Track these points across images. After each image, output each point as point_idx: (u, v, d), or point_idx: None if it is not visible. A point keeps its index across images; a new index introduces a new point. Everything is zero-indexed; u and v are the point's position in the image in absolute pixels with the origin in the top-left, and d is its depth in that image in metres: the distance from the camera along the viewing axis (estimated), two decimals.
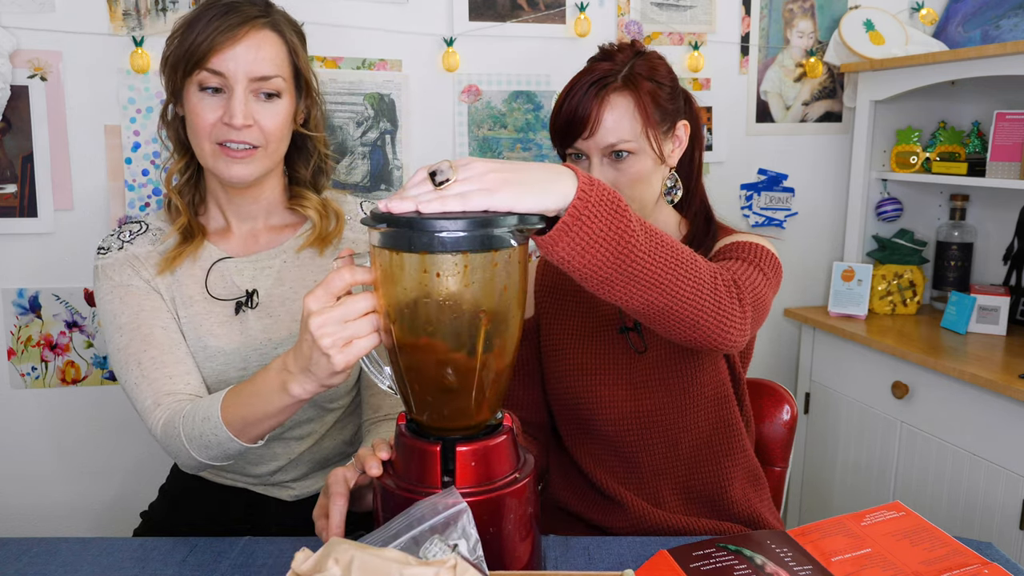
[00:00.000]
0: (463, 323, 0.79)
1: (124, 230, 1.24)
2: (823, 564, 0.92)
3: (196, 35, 1.10)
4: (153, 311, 1.17)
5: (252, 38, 1.11)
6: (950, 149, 2.11)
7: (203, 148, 1.14)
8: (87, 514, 2.00)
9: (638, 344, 1.20)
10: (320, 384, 0.87)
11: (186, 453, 1.05)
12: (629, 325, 1.21)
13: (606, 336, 1.23)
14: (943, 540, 0.95)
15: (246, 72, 1.11)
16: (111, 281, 1.19)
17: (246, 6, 1.13)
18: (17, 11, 1.78)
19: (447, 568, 0.68)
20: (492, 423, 0.88)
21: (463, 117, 2.07)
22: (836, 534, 0.98)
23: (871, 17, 2.23)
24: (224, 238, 1.25)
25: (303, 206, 1.25)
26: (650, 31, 2.16)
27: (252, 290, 1.22)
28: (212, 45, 1.09)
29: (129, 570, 0.97)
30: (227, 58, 1.10)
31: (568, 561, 0.98)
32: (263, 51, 1.12)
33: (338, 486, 0.92)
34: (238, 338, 1.20)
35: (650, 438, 1.20)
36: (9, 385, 1.91)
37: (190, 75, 1.11)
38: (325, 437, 1.29)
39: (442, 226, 0.75)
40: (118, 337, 1.15)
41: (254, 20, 1.12)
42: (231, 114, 1.11)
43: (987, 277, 2.21)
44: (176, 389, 1.11)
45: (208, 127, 1.12)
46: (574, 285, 1.26)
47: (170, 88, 1.16)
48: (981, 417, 1.74)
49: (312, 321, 0.81)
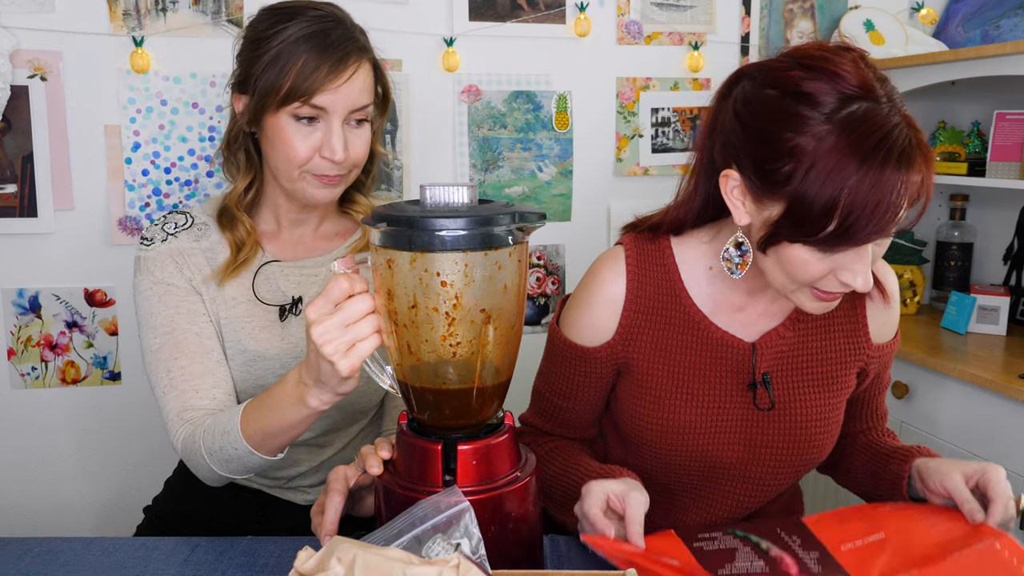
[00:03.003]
0: (464, 322, 0.79)
1: (168, 221, 1.19)
2: (831, 551, 0.91)
3: (295, 69, 1.06)
4: (190, 314, 1.14)
5: (356, 76, 1.09)
6: (950, 149, 2.11)
7: (291, 175, 1.11)
8: (87, 514, 2.00)
9: (764, 402, 1.05)
10: (334, 393, 0.87)
11: (207, 467, 1.04)
12: (758, 379, 1.04)
13: (728, 385, 1.05)
14: (961, 520, 0.93)
15: (346, 106, 1.09)
16: (152, 277, 1.15)
17: (345, 41, 1.09)
18: (17, 11, 1.78)
19: (450, 567, 0.68)
20: (493, 422, 0.88)
21: (463, 117, 2.07)
22: (853, 519, 0.97)
23: (871, 17, 2.24)
24: (273, 240, 1.22)
25: (355, 211, 1.23)
26: (650, 31, 2.16)
27: (298, 297, 1.19)
28: (317, 84, 1.06)
29: (131, 570, 0.97)
30: (331, 96, 1.07)
31: (569, 560, 0.98)
32: (363, 84, 1.10)
33: (337, 483, 0.92)
34: (279, 344, 1.18)
35: (725, 487, 1.09)
36: (9, 385, 1.91)
37: (285, 106, 1.08)
38: (348, 447, 1.28)
39: (442, 225, 0.76)
40: (152, 338, 1.13)
41: (359, 56, 1.09)
42: (332, 149, 1.08)
43: (987, 277, 2.21)
44: (200, 404, 1.09)
45: (303, 158, 1.09)
46: (690, 319, 1.05)
47: (252, 111, 1.11)
48: (981, 417, 1.74)
49: (314, 330, 0.81)
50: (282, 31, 1.07)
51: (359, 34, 1.13)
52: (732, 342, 1.04)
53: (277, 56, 1.07)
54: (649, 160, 2.21)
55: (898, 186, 0.83)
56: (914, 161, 0.84)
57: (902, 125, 0.84)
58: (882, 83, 0.87)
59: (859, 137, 0.83)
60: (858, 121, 0.83)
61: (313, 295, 1.20)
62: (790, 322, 1.05)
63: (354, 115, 1.11)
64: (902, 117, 0.85)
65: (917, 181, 0.85)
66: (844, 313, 1.07)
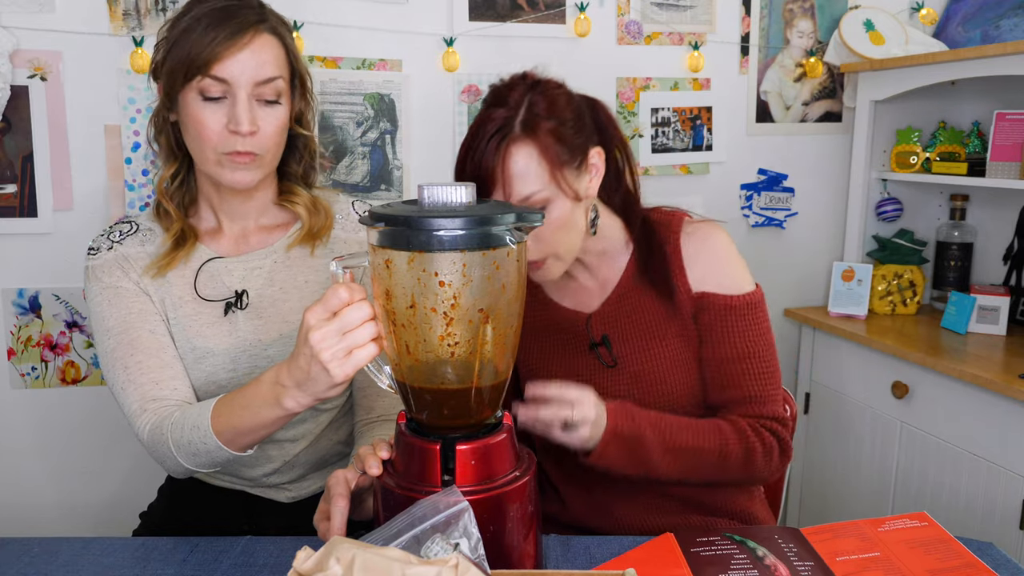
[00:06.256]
0: (462, 322, 0.79)
1: (114, 230, 1.22)
2: (826, 562, 0.92)
3: (194, 42, 1.08)
4: (141, 314, 1.16)
5: (254, 43, 1.10)
6: (950, 149, 2.11)
7: (206, 156, 1.13)
8: (87, 514, 2.00)
9: (607, 359, 1.19)
10: (315, 397, 0.88)
11: (173, 459, 1.05)
12: (597, 341, 1.20)
13: (576, 353, 1.21)
14: (959, 552, 0.94)
15: (250, 78, 1.10)
16: (100, 283, 1.18)
17: (243, 11, 1.11)
18: (17, 11, 1.78)
19: (449, 567, 0.68)
20: (492, 422, 0.88)
21: (463, 117, 2.07)
22: (849, 536, 0.98)
23: (871, 17, 2.23)
24: (214, 238, 1.24)
25: (292, 202, 1.24)
26: (650, 31, 2.16)
27: (242, 291, 1.21)
28: (215, 53, 1.07)
29: (130, 570, 0.97)
30: (230, 65, 1.08)
31: (569, 560, 0.98)
32: (264, 55, 1.11)
33: (339, 487, 0.92)
34: (227, 339, 1.19)
35: None
36: (9, 385, 1.91)
37: (189, 82, 1.10)
38: (320, 438, 1.28)
39: (440, 224, 0.75)
40: (106, 340, 1.15)
41: (255, 25, 1.11)
42: (237, 121, 1.09)
43: (987, 277, 2.21)
44: (162, 395, 1.10)
45: (213, 136, 1.11)
46: (541, 304, 1.25)
47: (165, 94, 1.13)
48: (981, 417, 1.74)
49: (312, 335, 0.81)
50: (188, 13, 1.11)
51: (262, 8, 1.15)
52: (571, 315, 1.22)
53: (180, 36, 1.10)
54: (649, 160, 2.21)
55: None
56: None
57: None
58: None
59: None
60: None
61: (258, 287, 1.22)
62: (618, 286, 1.21)
63: (261, 89, 1.11)
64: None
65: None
66: (659, 263, 1.19)
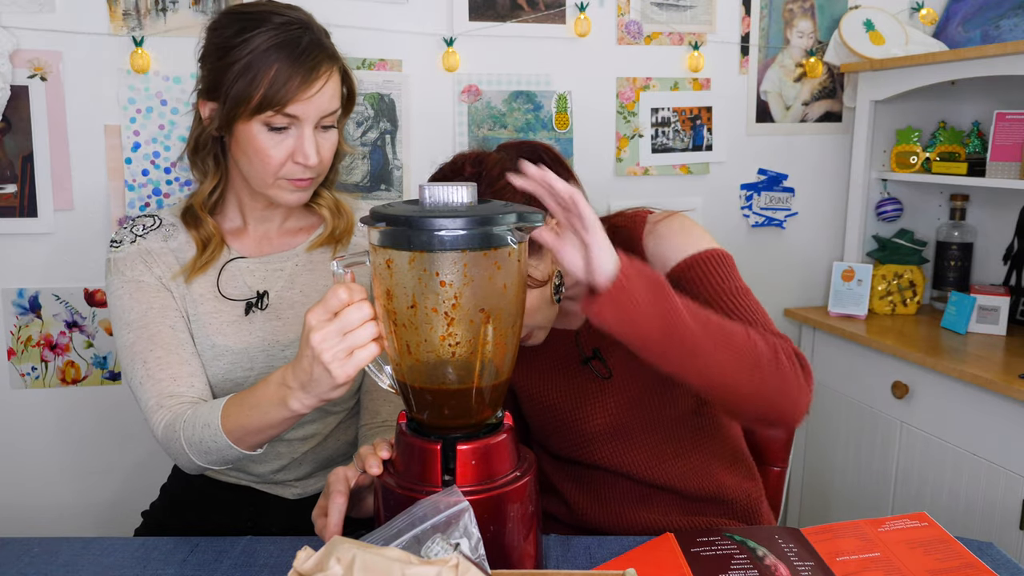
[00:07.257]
0: (463, 322, 0.79)
1: (137, 223, 1.23)
2: (826, 562, 0.92)
3: (270, 80, 1.07)
4: (162, 309, 1.17)
5: (327, 84, 1.11)
6: (950, 149, 2.11)
7: (264, 180, 1.14)
8: (87, 514, 2.00)
9: (602, 371, 1.18)
10: (319, 399, 0.88)
11: (185, 456, 1.05)
12: (588, 355, 1.19)
13: (570, 370, 1.21)
14: (959, 553, 0.94)
15: (318, 114, 1.11)
16: (122, 276, 1.18)
17: (315, 48, 1.10)
18: (17, 11, 1.78)
19: (449, 567, 0.68)
20: (492, 422, 0.88)
21: (463, 117, 2.07)
22: (849, 536, 0.98)
23: (871, 17, 2.23)
24: (238, 237, 1.25)
25: (318, 204, 1.25)
26: (650, 31, 2.16)
27: (263, 291, 1.22)
28: (294, 95, 1.08)
29: (130, 570, 0.97)
30: (304, 105, 1.09)
31: (569, 560, 0.98)
32: (331, 90, 1.12)
33: (338, 484, 0.92)
34: (246, 338, 1.20)
35: (635, 455, 1.19)
36: (9, 385, 1.91)
37: (257, 115, 1.09)
38: (328, 438, 1.29)
39: (441, 224, 0.75)
40: (126, 334, 1.15)
41: (329, 64, 1.11)
42: (305, 156, 1.11)
43: (987, 277, 2.21)
44: (179, 392, 1.11)
45: (276, 164, 1.12)
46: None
47: (222, 120, 1.11)
48: (981, 417, 1.74)
49: (313, 336, 0.81)
50: (251, 39, 1.08)
51: (326, 39, 1.15)
52: (559, 334, 1.21)
53: (248, 66, 1.08)
54: (649, 160, 2.21)
55: None
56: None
57: None
58: None
59: None
60: None
61: (278, 289, 1.23)
62: None
63: (324, 120, 1.13)
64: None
65: None
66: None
